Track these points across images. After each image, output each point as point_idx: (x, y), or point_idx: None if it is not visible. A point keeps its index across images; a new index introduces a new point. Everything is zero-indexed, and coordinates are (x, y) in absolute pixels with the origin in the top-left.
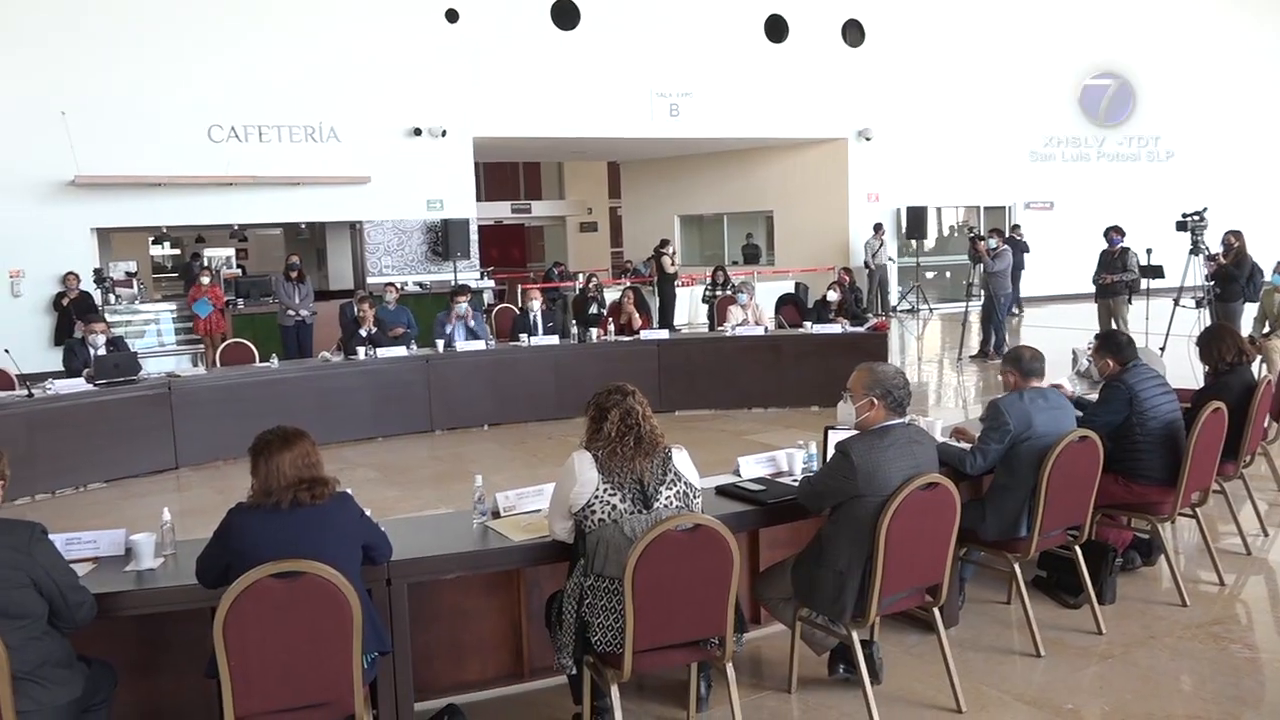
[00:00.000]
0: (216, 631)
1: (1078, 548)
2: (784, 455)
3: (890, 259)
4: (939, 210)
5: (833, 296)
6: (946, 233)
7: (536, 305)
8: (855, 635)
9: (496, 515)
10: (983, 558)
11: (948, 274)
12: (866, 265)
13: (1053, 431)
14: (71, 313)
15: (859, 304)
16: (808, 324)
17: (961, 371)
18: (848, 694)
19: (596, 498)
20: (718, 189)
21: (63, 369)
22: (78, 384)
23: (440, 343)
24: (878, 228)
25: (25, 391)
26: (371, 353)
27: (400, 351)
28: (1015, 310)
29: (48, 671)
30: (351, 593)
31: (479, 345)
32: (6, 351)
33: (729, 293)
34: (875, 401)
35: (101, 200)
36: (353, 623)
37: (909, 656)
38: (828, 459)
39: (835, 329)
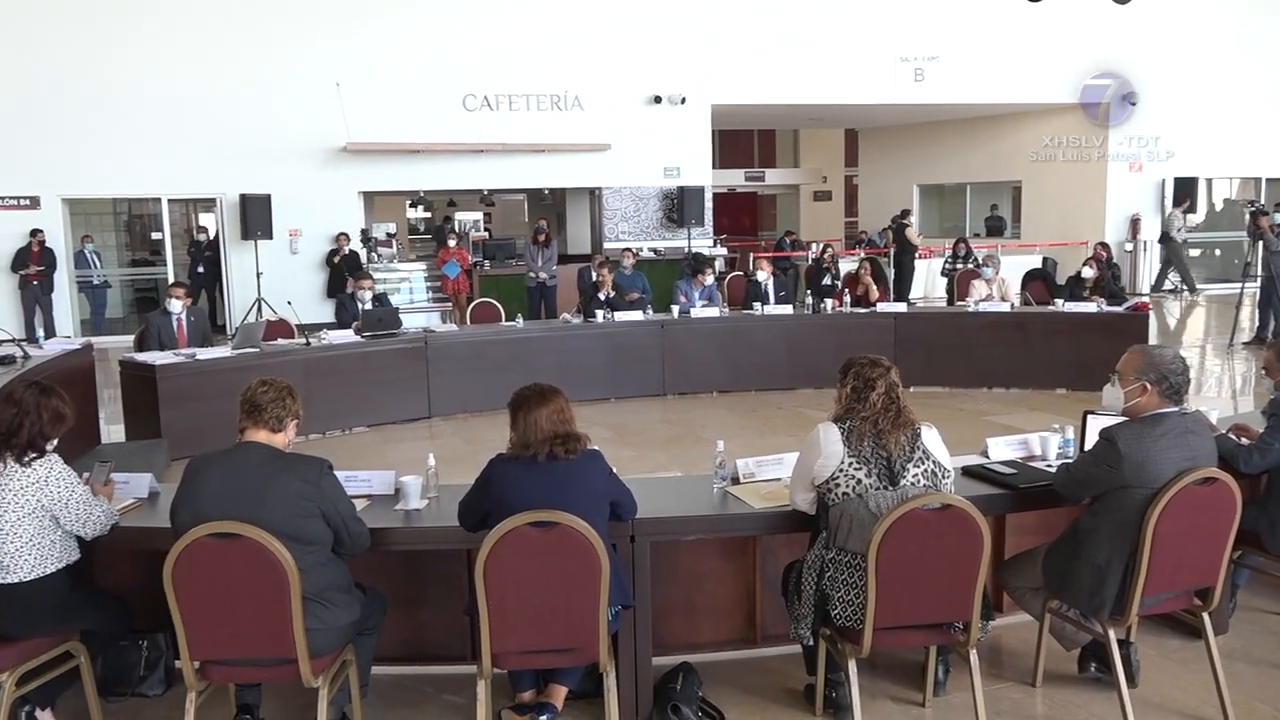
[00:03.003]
0: (478, 572)
1: None
2: (1037, 439)
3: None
4: (1209, 181)
5: (1088, 273)
6: (1219, 206)
7: (763, 275)
8: (1112, 633)
9: (736, 481)
10: (1261, 563)
11: (1216, 251)
12: (1164, 239)
13: None
14: (343, 269)
15: (1116, 281)
16: (1058, 301)
17: (1230, 359)
18: (1098, 694)
19: (841, 471)
20: (961, 157)
21: (334, 321)
22: (347, 335)
23: (676, 309)
24: (1180, 200)
25: (304, 340)
26: (609, 316)
27: (636, 316)
28: None
29: (331, 595)
30: (601, 545)
31: (713, 313)
32: (289, 303)
33: (971, 266)
34: (1148, 387)
35: (368, 165)
36: (601, 574)
37: (1169, 661)
38: (1089, 445)
39: (1090, 308)
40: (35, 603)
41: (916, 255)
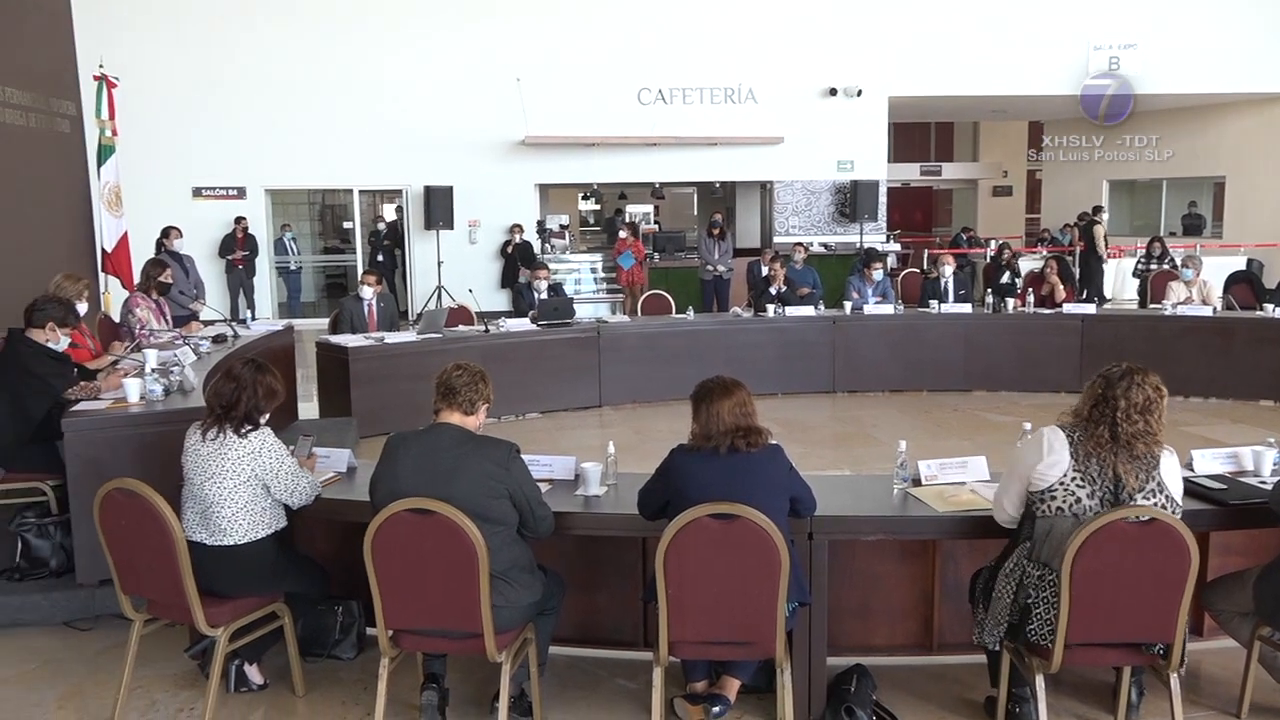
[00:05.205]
0: (658, 561)
1: None
2: (1249, 453)
3: None
4: None
5: None
6: None
7: (949, 270)
8: None
9: (917, 483)
10: None
11: None
12: None
13: None
14: (516, 259)
15: None
16: (1267, 306)
17: None
18: None
19: (1061, 484)
20: (1157, 151)
21: (510, 309)
22: (523, 324)
23: (848, 305)
24: None
25: (483, 328)
26: (780, 310)
27: (808, 311)
28: None
29: (515, 574)
30: (781, 540)
31: (887, 309)
32: (470, 291)
33: (1167, 266)
34: None
35: (545, 159)
36: (780, 569)
37: None
38: None
39: None
40: (247, 564)
41: (1106, 255)
